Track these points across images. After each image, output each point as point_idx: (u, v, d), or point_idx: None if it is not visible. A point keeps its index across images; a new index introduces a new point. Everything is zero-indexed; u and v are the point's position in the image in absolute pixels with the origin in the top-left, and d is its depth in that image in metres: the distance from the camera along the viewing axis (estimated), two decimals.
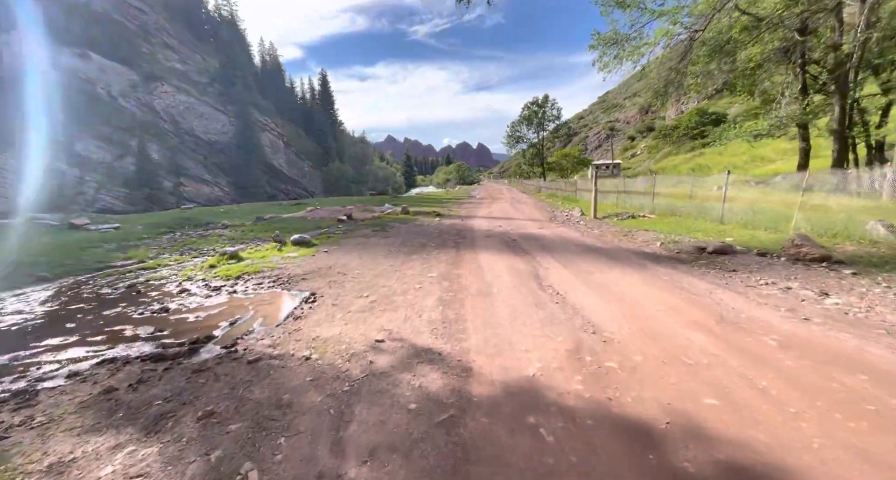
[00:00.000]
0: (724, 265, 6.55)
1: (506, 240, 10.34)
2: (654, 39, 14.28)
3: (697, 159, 41.16)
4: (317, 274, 7.04)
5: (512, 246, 9.34)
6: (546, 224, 13.96)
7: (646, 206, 15.41)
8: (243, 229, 14.39)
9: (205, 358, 3.77)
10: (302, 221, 16.14)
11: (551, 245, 9.33)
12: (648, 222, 12.58)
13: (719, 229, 9.74)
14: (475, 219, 16.63)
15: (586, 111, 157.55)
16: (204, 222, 18.04)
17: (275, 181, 60.88)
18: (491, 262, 7.50)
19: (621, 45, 17.82)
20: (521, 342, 3.78)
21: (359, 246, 9.96)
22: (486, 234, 11.71)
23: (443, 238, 10.94)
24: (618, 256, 7.85)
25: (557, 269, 6.79)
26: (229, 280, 6.78)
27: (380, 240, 10.93)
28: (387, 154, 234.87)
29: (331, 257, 8.55)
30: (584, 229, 12.22)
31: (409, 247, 9.61)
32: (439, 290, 5.68)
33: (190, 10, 67.20)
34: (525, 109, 51.06)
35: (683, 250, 8.02)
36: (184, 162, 48.83)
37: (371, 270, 7.25)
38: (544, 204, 25.45)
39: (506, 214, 18.82)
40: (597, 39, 17.99)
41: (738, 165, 26.25)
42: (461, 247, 9.43)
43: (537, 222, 14.62)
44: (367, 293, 5.71)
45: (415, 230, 12.89)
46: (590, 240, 10.02)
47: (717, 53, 17.49)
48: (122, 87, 46.63)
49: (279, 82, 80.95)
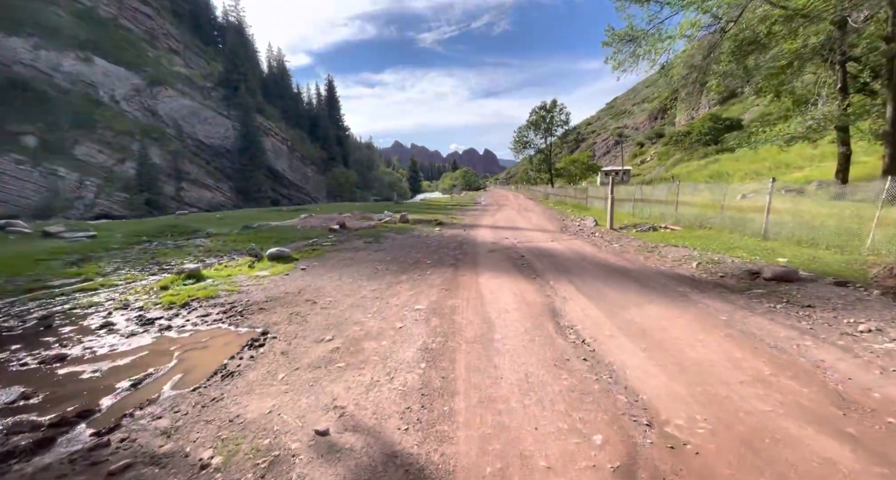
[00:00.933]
0: (792, 298, 5.12)
1: (512, 256, 8.97)
2: (678, 32, 12.94)
3: (713, 166, 39.48)
4: (280, 302, 5.73)
5: (520, 265, 7.96)
6: (557, 236, 12.56)
7: (668, 216, 13.95)
8: (226, 239, 13.20)
9: (47, 462, 2.44)
10: (290, 230, 14.92)
11: (567, 264, 7.93)
12: (673, 235, 11.12)
13: (764, 247, 8.27)
14: (479, 229, 15.28)
15: (594, 117, 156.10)
16: (190, 230, 16.91)
17: (278, 186, 60.17)
18: (494, 288, 6.13)
19: (638, 42, 16.52)
20: (539, 446, 2.41)
21: (343, 262, 8.65)
22: (490, 248, 10.34)
23: (440, 253, 9.60)
24: (649, 280, 6.44)
25: (578, 300, 5.40)
26: (171, 309, 5.49)
27: (369, 255, 9.61)
28: (394, 160, 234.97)
29: (306, 277, 7.24)
30: (601, 243, 10.80)
31: (400, 265, 8.28)
32: (425, 332, 4.32)
33: (198, 16, 67.39)
34: (533, 113, 49.80)
35: (729, 274, 6.59)
36: (185, 166, 48.23)
37: (348, 296, 5.93)
38: (553, 212, 24.04)
39: (512, 223, 17.45)
40: (611, 36, 16.68)
41: (761, 172, 24.65)
42: (460, 265, 8.08)
43: (547, 234, 13.22)
44: (331, 335, 4.37)
45: (411, 243, 11.57)
46: (611, 257, 8.60)
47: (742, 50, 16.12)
48: (125, 91, 46.29)
49: (285, 88, 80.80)
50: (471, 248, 10.40)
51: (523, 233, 13.59)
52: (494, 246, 10.67)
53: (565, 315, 4.79)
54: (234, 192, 53.30)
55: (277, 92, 76.74)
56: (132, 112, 46.15)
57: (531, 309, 5.04)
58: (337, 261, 8.82)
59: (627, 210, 18.07)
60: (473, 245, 10.90)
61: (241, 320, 5.03)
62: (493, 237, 12.49)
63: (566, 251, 9.54)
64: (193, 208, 47.96)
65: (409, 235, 13.41)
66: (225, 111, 55.54)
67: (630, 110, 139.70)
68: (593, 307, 5.06)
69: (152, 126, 47.04)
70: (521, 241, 11.57)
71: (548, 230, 14.32)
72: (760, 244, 8.48)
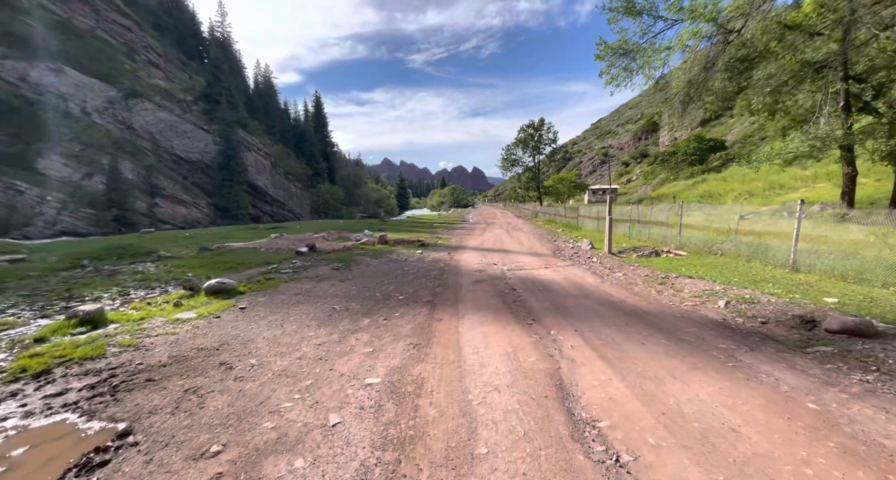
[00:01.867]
0: (884, 365, 3.76)
1: (502, 289, 7.52)
2: (677, 42, 12.09)
3: (702, 186, 39.30)
4: (184, 366, 4.13)
5: (511, 303, 6.51)
6: (552, 261, 11.19)
7: (670, 239, 12.78)
8: (173, 265, 11.45)
9: None
10: (252, 253, 13.25)
11: (568, 302, 6.51)
12: (681, 262, 9.87)
13: (798, 281, 7.02)
14: (465, 251, 13.85)
15: (580, 137, 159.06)
16: (143, 252, 15.07)
17: (259, 203, 58.13)
18: (479, 343, 4.64)
19: (632, 56, 15.77)
20: None
21: (297, 298, 7.06)
22: (475, 277, 8.88)
23: (417, 285, 8.09)
24: (675, 328, 5.05)
25: (593, 364, 3.95)
26: (14, 382, 3.83)
27: (332, 286, 8.04)
28: (382, 176, 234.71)
29: (239, 323, 5.64)
30: (601, 271, 9.46)
31: (366, 302, 6.74)
32: (370, 438, 2.78)
33: (181, 31, 66.44)
34: (521, 131, 49.50)
35: (772, 319, 5.25)
36: (160, 182, 46.05)
37: (281, 356, 4.36)
38: (543, 231, 22.86)
39: (501, 244, 16.09)
40: (603, 49, 15.91)
41: (755, 193, 24.11)
42: (439, 303, 6.58)
43: (540, 259, 11.86)
44: (223, 441, 2.80)
45: (386, 270, 10.04)
46: (618, 292, 7.23)
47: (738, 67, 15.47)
48: (98, 103, 44.38)
49: (271, 103, 79.79)
50: (453, 277, 8.92)
51: (513, 257, 12.20)
52: (481, 275, 9.22)
53: (580, 396, 3.31)
54: (212, 208, 51.08)
55: (263, 107, 75.59)
56: (104, 125, 44.13)
57: (530, 384, 3.54)
58: (290, 296, 7.23)
59: (623, 232, 16.95)
60: (457, 273, 9.43)
61: (105, 405, 3.40)
62: (480, 263, 11.05)
63: (564, 283, 8.14)
64: (167, 224, 45.58)
65: (386, 259, 11.88)
66: (206, 125, 53.87)
67: (615, 131, 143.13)
68: (617, 380, 3.60)
69: (126, 140, 45.01)
70: (512, 268, 10.16)
71: (540, 254, 12.98)
72: (792, 277, 7.23)
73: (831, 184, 20.96)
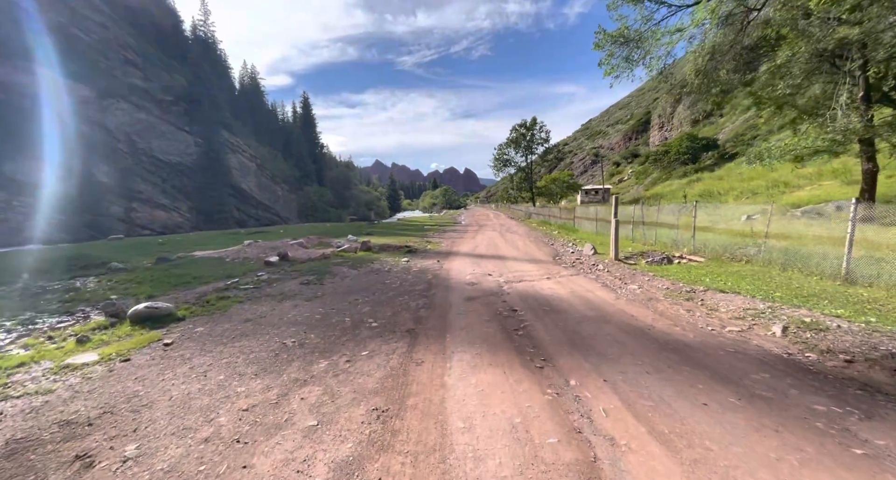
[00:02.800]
0: None
1: (500, 311, 6.16)
2: (691, 22, 10.90)
3: (698, 185, 38.53)
4: (11, 465, 2.69)
5: (512, 331, 5.15)
6: (553, 270, 9.88)
7: (682, 243, 11.58)
8: (119, 280, 9.90)
9: None
10: (216, 264, 11.73)
11: (583, 329, 5.18)
12: (701, 270, 8.63)
13: (859, 297, 5.78)
14: (456, 258, 12.49)
15: (570, 138, 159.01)
16: (97, 263, 13.46)
17: (244, 206, 56.16)
18: (473, 405, 3.26)
19: (633, 46, 14.63)
20: None
21: (242, 329, 5.62)
22: (468, 293, 7.51)
23: (397, 305, 6.70)
24: (737, 373, 3.74)
25: (646, 449, 2.60)
26: None
27: (293, 308, 6.61)
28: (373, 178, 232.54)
29: (148, 371, 4.19)
30: (613, 283, 8.18)
31: (328, 332, 5.32)
32: None
33: (162, 29, 64.20)
34: (513, 131, 48.39)
35: (857, 357, 3.97)
36: (137, 185, 43.99)
37: (181, 437, 2.94)
38: (539, 234, 21.62)
39: (496, 249, 14.76)
40: (603, 37, 14.71)
41: (757, 191, 23.20)
42: (421, 333, 5.19)
43: (540, 266, 10.54)
44: None
45: (363, 284, 8.63)
46: (641, 312, 5.92)
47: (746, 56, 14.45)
48: (70, 103, 42.18)
49: (258, 104, 77.78)
50: (442, 293, 7.54)
51: (510, 265, 10.86)
52: (474, 289, 7.86)
53: None
54: (194, 213, 49.07)
55: (249, 109, 73.57)
56: (77, 126, 41.94)
57: None
58: (236, 324, 5.78)
59: (625, 234, 15.74)
60: (446, 288, 8.05)
61: None
62: (474, 273, 9.68)
63: (573, 300, 6.81)
64: (146, 230, 43.52)
65: (366, 269, 10.46)
66: (186, 126, 51.86)
67: (605, 131, 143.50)
68: None
69: (100, 141, 42.87)
70: (510, 279, 8.82)
71: (539, 261, 11.66)
72: (849, 293, 5.99)
73: (838, 181, 20.07)
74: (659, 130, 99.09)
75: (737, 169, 39.85)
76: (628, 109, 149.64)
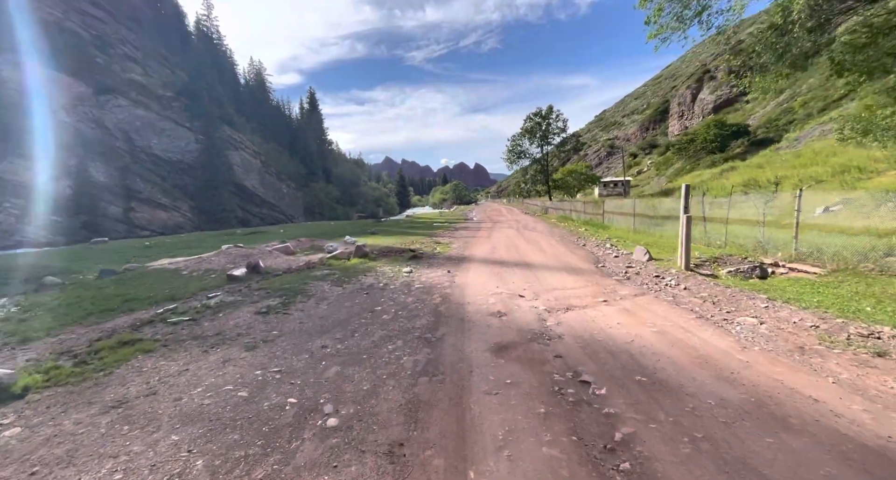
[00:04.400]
0: None
1: (559, 388, 3.45)
2: None
3: (733, 175, 34.95)
4: None
5: (602, 460, 2.52)
6: (606, 285, 7.13)
7: (771, 244, 8.71)
8: (28, 304, 7.56)
9: None
10: (166, 278, 9.32)
11: (748, 450, 2.51)
12: (838, 289, 5.82)
13: None
14: (471, 266, 9.83)
15: (584, 130, 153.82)
16: (40, 274, 11.24)
17: (247, 205, 54.34)
18: None
19: None
20: None
21: (84, 435, 3.11)
22: (495, 338, 4.83)
23: (381, 363, 4.07)
24: None
25: None
26: None
27: (214, 371, 4.05)
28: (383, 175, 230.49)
29: None
30: (708, 311, 5.44)
31: (237, 444, 2.75)
32: None
33: (163, 24, 62.58)
34: (527, 120, 45.20)
35: None
36: (136, 184, 42.37)
37: None
38: (562, 231, 18.82)
39: (518, 253, 12.04)
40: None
41: (822, 179, 19.90)
42: (413, 458, 2.59)
43: (585, 279, 7.80)
44: None
45: (341, 316, 6.05)
46: (813, 385, 3.16)
47: None
48: (66, 100, 40.65)
49: (264, 101, 75.92)
50: (455, 337, 4.90)
51: (544, 278, 8.16)
52: (504, 327, 5.21)
53: None
54: (195, 212, 47.38)
55: (253, 105, 71.74)
56: (73, 123, 40.41)
57: None
58: (85, 417, 3.28)
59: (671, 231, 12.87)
60: (461, 324, 5.42)
61: None
62: (498, 292, 7.01)
63: (672, 352, 4.10)
64: (145, 231, 41.93)
65: (354, 286, 7.90)
66: (188, 123, 50.09)
67: (620, 122, 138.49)
68: None
69: (97, 139, 41.29)
70: (552, 305, 6.13)
71: (579, 270, 8.92)
72: None
73: None
74: (679, 118, 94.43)
75: (779, 156, 36.10)
76: (644, 98, 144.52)
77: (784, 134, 47.83)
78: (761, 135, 52.39)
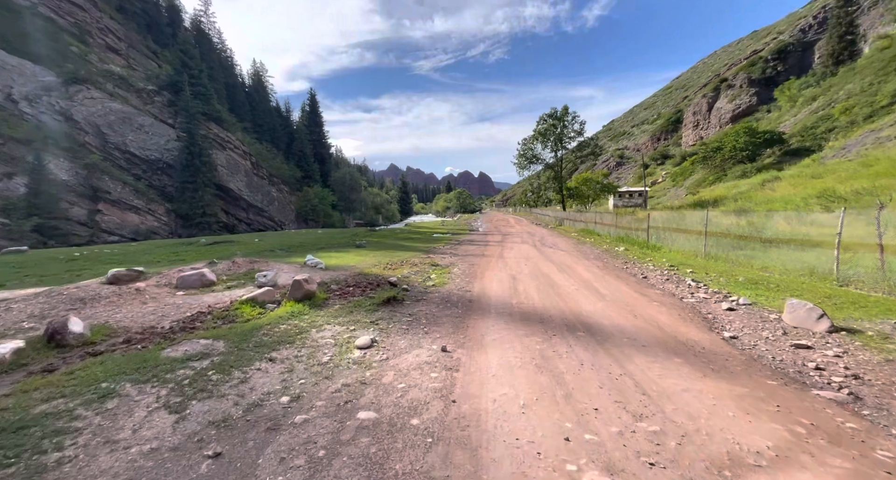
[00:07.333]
0: None
1: None
2: None
3: (780, 186, 30.27)
4: None
5: None
6: (793, 409, 2.53)
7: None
8: None
9: None
10: None
11: None
12: None
13: None
14: (486, 330, 5.15)
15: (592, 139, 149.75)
16: None
17: (232, 209, 50.08)
18: None
19: None
20: None
21: None
22: None
23: None
24: None
25: None
26: None
27: None
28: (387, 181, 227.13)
29: None
30: None
31: None
32: None
33: (153, 16, 59.21)
34: (540, 122, 40.81)
35: None
36: (105, 184, 38.17)
37: None
38: (595, 250, 14.18)
39: (558, 293, 7.32)
40: None
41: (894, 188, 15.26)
42: None
43: (728, 381, 3.14)
44: None
45: None
46: None
47: None
48: (29, 89, 36.77)
49: (261, 101, 72.34)
50: None
51: (642, 377, 3.49)
52: None
53: None
54: (172, 216, 43.11)
55: (250, 105, 68.09)
56: (35, 115, 36.45)
57: None
58: None
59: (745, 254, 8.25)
60: None
61: None
62: (572, 452, 2.43)
63: None
64: (114, 236, 37.60)
65: (207, 412, 3.35)
66: (170, 119, 46.15)
67: (629, 132, 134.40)
68: None
69: (62, 133, 37.25)
70: None
71: (693, 349, 4.23)
72: None
73: None
74: (694, 128, 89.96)
75: (830, 165, 31.44)
76: (654, 108, 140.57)
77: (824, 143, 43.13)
78: (796, 144, 47.78)
